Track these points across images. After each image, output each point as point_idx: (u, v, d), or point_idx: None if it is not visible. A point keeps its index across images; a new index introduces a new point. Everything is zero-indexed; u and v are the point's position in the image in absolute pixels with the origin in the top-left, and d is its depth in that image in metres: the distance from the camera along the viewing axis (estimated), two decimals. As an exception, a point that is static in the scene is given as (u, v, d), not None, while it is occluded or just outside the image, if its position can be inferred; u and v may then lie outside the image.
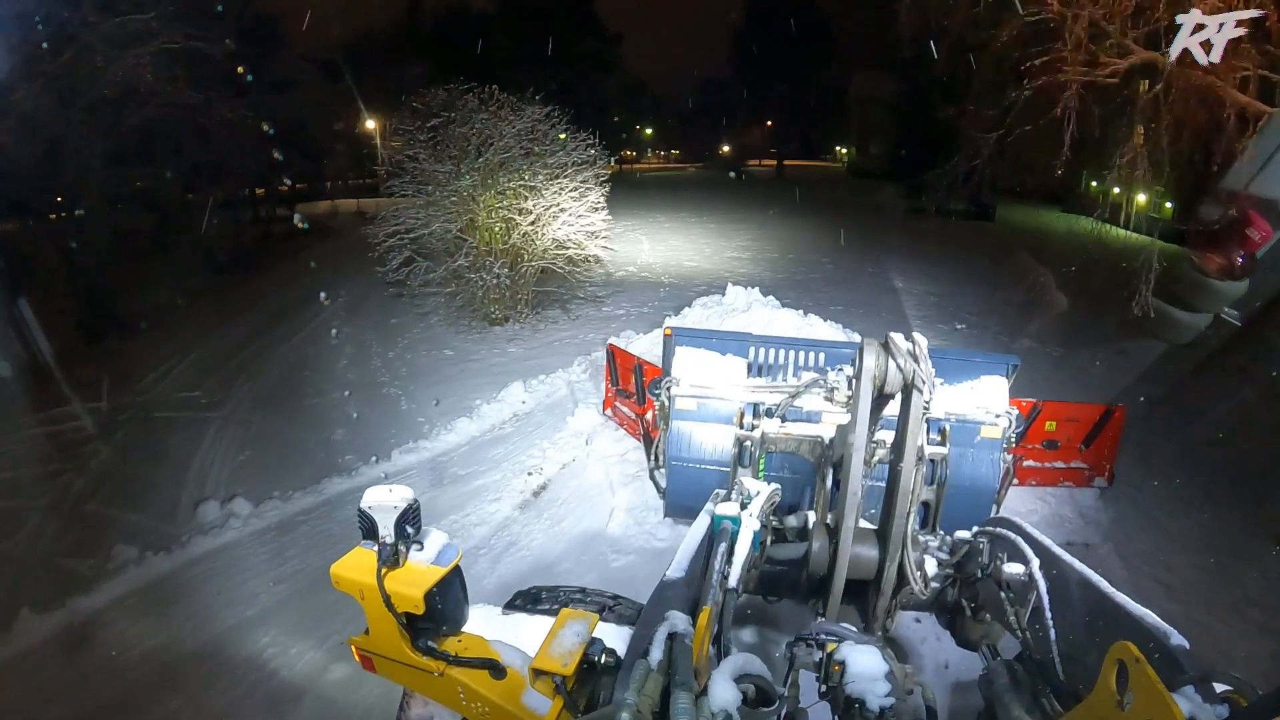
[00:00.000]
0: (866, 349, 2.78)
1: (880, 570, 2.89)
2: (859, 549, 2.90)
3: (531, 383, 9.71)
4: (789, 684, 2.08)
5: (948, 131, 19.81)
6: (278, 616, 5.84)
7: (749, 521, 2.69)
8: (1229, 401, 8.29)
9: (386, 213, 12.55)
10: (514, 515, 6.77)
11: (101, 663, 5.48)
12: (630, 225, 20.27)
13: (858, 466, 2.84)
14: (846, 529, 2.82)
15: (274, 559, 6.64)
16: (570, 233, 12.50)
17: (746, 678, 1.71)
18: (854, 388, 2.88)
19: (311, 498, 7.59)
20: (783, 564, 3.23)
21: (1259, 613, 5.28)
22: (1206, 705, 1.50)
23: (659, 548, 5.93)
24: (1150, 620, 1.96)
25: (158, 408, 10.29)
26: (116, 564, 6.56)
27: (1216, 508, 6.50)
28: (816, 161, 50.72)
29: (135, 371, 11.51)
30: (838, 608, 2.91)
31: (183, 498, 7.86)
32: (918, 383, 2.70)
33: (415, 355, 11.70)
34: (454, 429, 8.62)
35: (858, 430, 2.83)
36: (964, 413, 5.16)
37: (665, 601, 1.95)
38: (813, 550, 3.06)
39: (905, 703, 1.72)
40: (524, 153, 12.29)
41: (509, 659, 2.14)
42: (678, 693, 1.47)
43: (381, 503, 2.08)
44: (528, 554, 6.15)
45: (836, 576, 2.85)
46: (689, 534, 2.61)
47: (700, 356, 5.41)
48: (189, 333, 13.26)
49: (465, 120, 12.21)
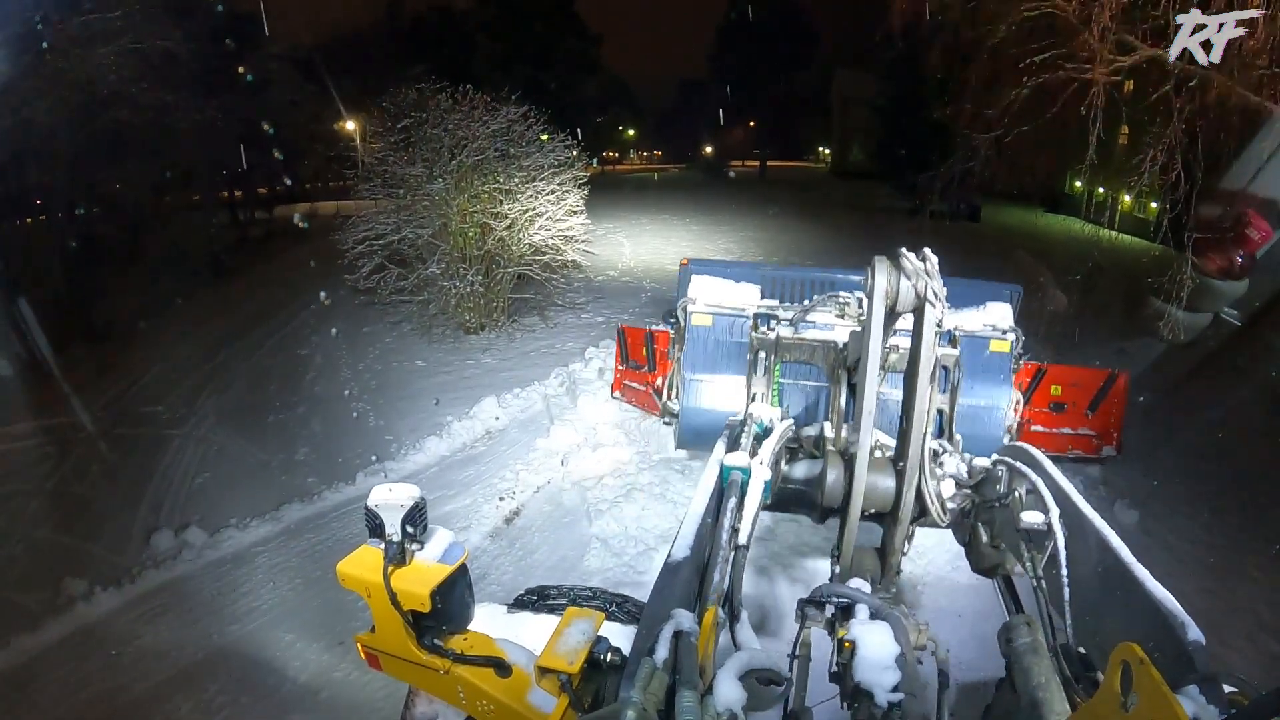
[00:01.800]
0: (878, 267, 2.76)
1: (897, 500, 2.85)
2: (875, 478, 2.87)
3: (506, 397, 9.28)
4: (799, 643, 2.17)
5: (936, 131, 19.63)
6: (229, 661, 5.48)
7: (759, 471, 2.67)
8: (1229, 402, 8.23)
9: (356, 218, 12.05)
10: (484, 545, 6.37)
11: (46, 708, 5.21)
12: (611, 227, 19.85)
13: (871, 392, 2.80)
14: (861, 460, 2.76)
15: (228, 595, 6.31)
16: (547, 237, 12.09)
17: (752, 673, 1.72)
18: (866, 307, 2.84)
19: (270, 526, 7.23)
20: (798, 483, 3.25)
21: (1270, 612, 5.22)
22: (1211, 706, 1.48)
23: (640, 581, 5.52)
24: (1169, 606, 1.89)
25: (119, 424, 9.85)
26: (64, 599, 6.22)
27: (1216, 508, 6.44)
28: (799, 162, 50.87)
29: (99, 383, 11.13)
30: (851, 551, 2.86)
31: (135, 526, 7.43)
32: (930, 298, 2.67)
33: (386, 367, 11.25)
34: (423, 449, 8.20)
35: (871, 352, 2.78)
36: (972, 330, 5.37)
37: (669, 591, 1.98)
38: (827, 482, 3.03)
39: (914, 700, 1.71)
40: (499, 154, 11.85)
41: (514, 657, 2.16)
42: (683, 691, 1.48)
43: (388, 501, 2.07)
44: (497, 588, 5.72)
45: (851, 513, 2.79)
46: (696, 493, 2.56)
47: (715, 282, 5.65)
48: (157, 341, 12.82)
49: (438, 121, 11.72)
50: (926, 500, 2.81)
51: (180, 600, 6.29)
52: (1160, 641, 1.78)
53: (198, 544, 6.97)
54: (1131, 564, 2.08)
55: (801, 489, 3.24)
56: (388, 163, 11.87)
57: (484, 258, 11.91)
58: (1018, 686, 2.10)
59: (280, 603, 6.10)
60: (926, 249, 2.77)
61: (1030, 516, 2.40)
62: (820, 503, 3.04)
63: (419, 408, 9.51)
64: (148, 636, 5.84)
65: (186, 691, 5.19)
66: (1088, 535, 2.27)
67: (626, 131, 55.14)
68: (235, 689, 5.19)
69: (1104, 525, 2.28)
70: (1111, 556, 2.14)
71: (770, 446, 2.91)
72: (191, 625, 5.94)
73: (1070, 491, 2.48)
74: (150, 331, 13.42)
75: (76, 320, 13.54)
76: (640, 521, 6.22)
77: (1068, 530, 2.32)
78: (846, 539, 2.82)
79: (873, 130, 37.09)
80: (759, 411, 3.32)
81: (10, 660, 5.63)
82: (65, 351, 12.47)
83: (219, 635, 5.77)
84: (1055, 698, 1.93)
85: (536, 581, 5.69)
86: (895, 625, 2.00)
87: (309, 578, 6.29)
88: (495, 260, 11.99)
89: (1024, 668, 2.08)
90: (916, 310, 2.76)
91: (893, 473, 2.91)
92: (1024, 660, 2.10)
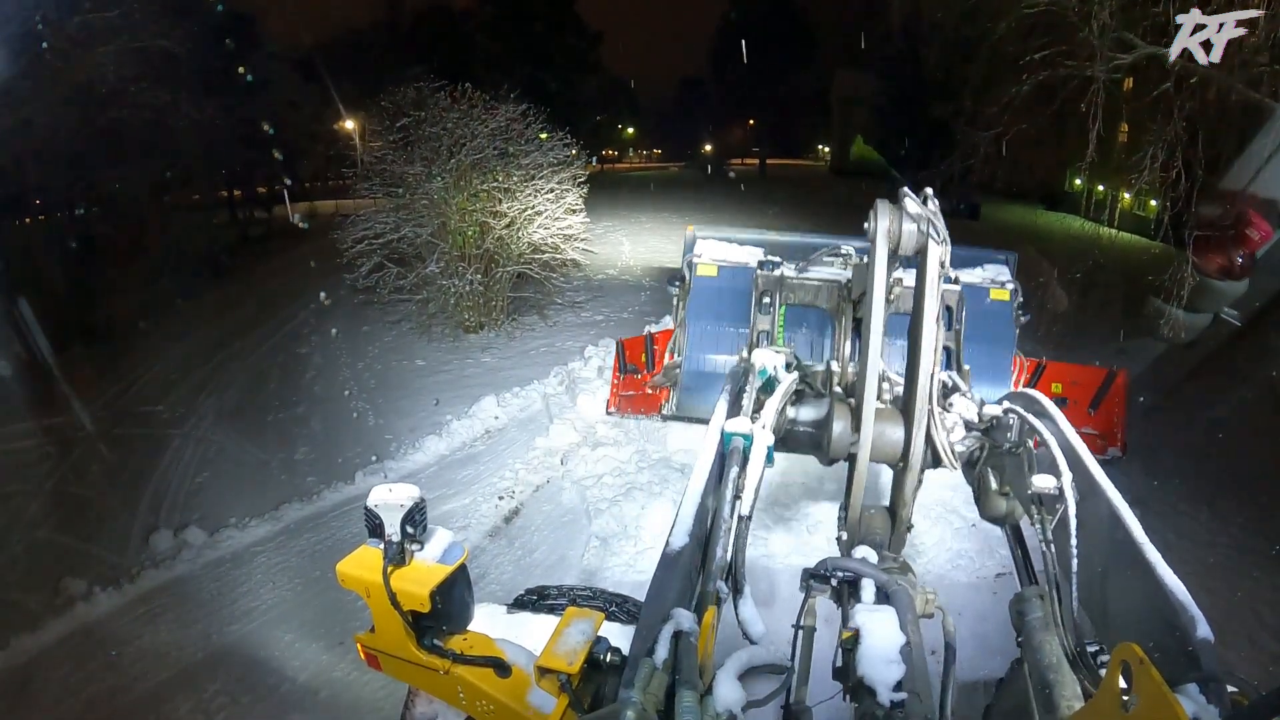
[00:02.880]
0: (880, 209, 2.76)
1: (907, 447, 2.77)
2: (883, 428, 2.79)
3: (505, 396, 9.28)
4: (803, 613, 2.19)
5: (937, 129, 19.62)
6: (229, 661, 5.48)
7: (761, 435, 2.57)
8: (1229, 402, 8.24)
9: (355, 216, 12.07)
10: (483, 544, 6.38)
11: (46, 708, 5.25)
12: (611, 226, 19.87)
13: (877, 340, 2.76)
14: (867, 415, 2.70)
15: (227, 595, 6.30)
16: (546, 236, 12.12)
17: (752, 670, 1.74)
18: (870, 250, 2.83)
19: (269, 525, 7.23)
20: (806, 424, 3.20)
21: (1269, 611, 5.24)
22: (1211, 706, 1.47)
23: (639, 580, 5.52)
24: (1178, 597, 1.81)
25: (119, 424, 9.84)
26: (63, 599, 6.23)
27: (1216, 508, 6.47)
28: (799, 160, 50.84)
29: (99, 383, 11.10)
30: (860, 507, 2.80)
31: (135, 526, 7.43)
32: (934, 237, 2.66)
33: (385, 366, 11.25)
34: (422, 448, 8.19)
35: (875, 296, 2.75)
36: (972, 282, 5.56)
37: (666, 586, 1.96)
38: (834, 434, 2.92)
39: (916, 699, 1.69)
40: (498, 153, 11.87)
41: (514, 657, 2.16)
42: (682, 691, 1.48)
43: (387, 501, 2.07)
44: (497, 588, 5.75)
45: (858, 469, 2.73)
46: (696, 465, 2.47)
47: (720, 244, 5.94)
48: (156, 341, 12.84)
49: (436, 119, 11.74)
50: (938, 445, 2.74)
51: (180, 600, 6.29)
52: (1166, 632, 1.77)
53: (197, 544, 6.96)
54: (1144, 544, 2.03)
55: (809, 430, 3.20)
56: (386, 161, 11.90)
57: (483, 256, 11.94)
58: (1028, 664, 2.09)
59: (280, 602, 6.09)
60: (928, 189, 2.75)
61: (1042, 480, 2.30)
62: (827, 453, 2.96)
63: (419, 407, 9.52)
64: (147, 637, 5.86)
65: (186, 691, 5.20)
66: (1099, 504, 2.22)
67: (626, 130, 55.10)
68: (235, 689, 5.19)
69: (1117, 496, 2.21)
70: (1123, 531, 2.10)
71: (774, 406, 2.84)
72: (191, 625, 5.94)
73: (1082, 451, 2.41)
74: (149, 331, 13.39)
75: (75, 320, 13.49)
76: (639, 520, 6.21)
77: (1079, 494, 2.25)
78: (854, 495, 2.76)
79: (871, 129, 37.10)
80: (762, 358, 3.27)
81: (10, 660, 5.65)
82: (64, 351, 12.39)
83: (218, 635, 5.77)
84: (1067, 681, 1.92)
85: (536, 581, 5.70)
86: (901, 608, 1.97)
87: (309, 577, 6.29)
88: (495, 259, 12.01)
89: (1035, 645, 2.07)
90: (920, 252, 2.74)
91: (901, 421, 2.84)
92: (1036, 637, 2.09)
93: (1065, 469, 2.28)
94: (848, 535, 2.85)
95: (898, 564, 2.52)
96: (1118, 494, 2.22)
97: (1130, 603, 2.05)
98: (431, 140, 11.70)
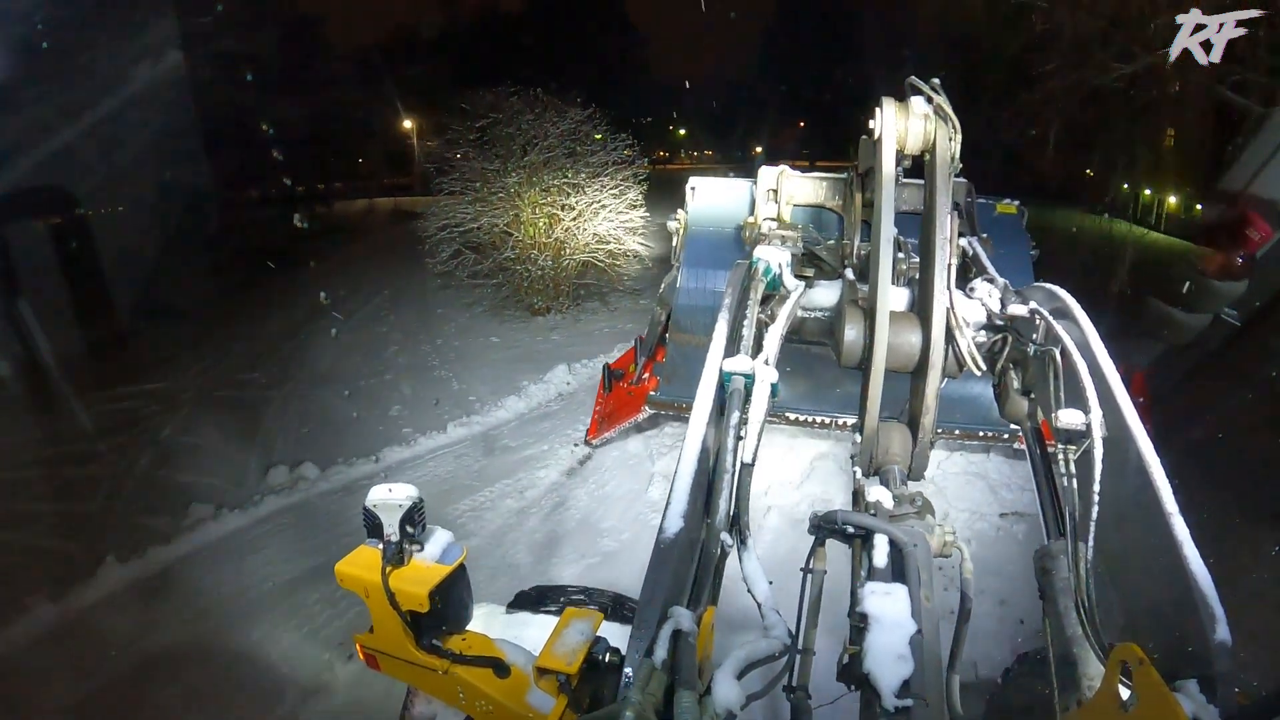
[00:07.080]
0: (885, 105, 2.59)
1: (925, 350, 2.53)
2: (898, 335, 2.56)
3: (575, 366, 10.36)
4: (811, 558, 2.15)
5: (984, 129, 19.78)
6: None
7: (764, 372, 2.32)
8: (1229, 403, 8.12)
9: (435, 208, 13.18)
10: (561, 480, 7.37)
11: (183, 604, 5.94)
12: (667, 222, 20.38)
13: (888, 247, 2.57)
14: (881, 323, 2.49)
15: (341, 515, 7.11)
16: (610, 228, 13.12)
17: (752, 665, 1.71)
18: (875, 151, 2.66)
19: (372, 465, 8.16)
20: (818, 309, 3.02)
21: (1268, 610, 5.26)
22: (1211, 706, 1.40)
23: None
24: (1201, 589, 1.58)
25: (219, 387, 10.72)
26: (192, 520, 7.04)
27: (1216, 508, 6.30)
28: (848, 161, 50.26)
29: (186, 357, 11.79)
30: (875, 426, 2.57)
31: (252, 463, 8.24)
32: (946, 129, 2.50)
33: (463, 342, 12.32)
34: (504, 406, 9.26)
35: (884, 201, 2.57)
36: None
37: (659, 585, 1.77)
38: (845, 341, 2.68)
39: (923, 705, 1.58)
40: (567, 153, 12.97)
41: (513, 657, 2.16)
42: (681, 692, 1.46)
43: (386, 501, 2.07)
44: (575, 513, 6.70)
45: (873, 385, 2.51)
46: (693, 414, 2.20)
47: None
48: (234, 322, 13.54)
49: (511, 121, 12.90)
50: (960, 347, 2.51)
51: (299, 520, 7.13)
52: (1180, 624, 1.61)
53: (311, 477, 7.85)
54: (1172, 515, 1.77)
55: (822, 317, 3.00)
56: (468, 158, 13.02)
57: (552, 245, 13.03)
58: (1051, 629, 2.00)
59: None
60: (935, 79, 2.60)
61: (1068, 416, 2.04)
62: (839, 360, 2.73)
63: (498, 374, 10.54)
64: (274, 547, 6.69)
65: (311, 587, 6.00)
66: (1128, 452, 1.95)
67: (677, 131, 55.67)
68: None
69: (1149, 449, 1.92)
70: (1151, 494, 1.82)
71: (778, 332, 2.58)
72: (310, 539, 6.75)
73: (1113, 382, 2.13)
74: (227, 313, 14.07)
75: (161, 300, 13.97)
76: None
77: (1106, 431, 1.99)
78: (870, 409, 2.53)
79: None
80: (766, 255, 3.02)
81: (146, 569, 6.35)
82: (148, 329, 13.05)
83: (336, 546, 6.35)
84: (1090, 657, 1.81)
85: (607, 508, 6.72)
86: (913, 583, 1.85)
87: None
88: (562, 248, 13.09)
89: (1058, 611, 1.99)
90: (930, 149, 2.57)
91: (917, 326, 2.58)
92: (1059, 602, 2.00)
93: (1095, 404, 2.03)
94: (863, 455, 2.62)
95: (915, 508, 2.28)
96: (1150, 447, 1.92)
97: (1147, 581, 1.83)
98: (506, 140, 12.86)
